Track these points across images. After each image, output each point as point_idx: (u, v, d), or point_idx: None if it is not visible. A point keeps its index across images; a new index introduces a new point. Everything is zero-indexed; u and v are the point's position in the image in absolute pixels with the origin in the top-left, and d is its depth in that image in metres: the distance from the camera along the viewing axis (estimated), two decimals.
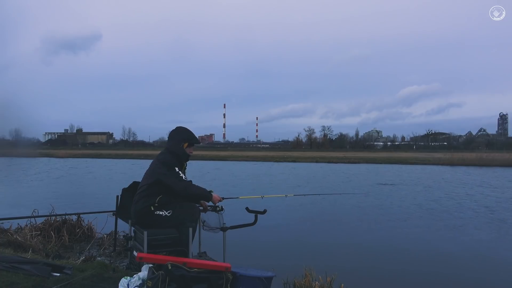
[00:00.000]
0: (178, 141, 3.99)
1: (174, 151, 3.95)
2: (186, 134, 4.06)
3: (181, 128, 4.15)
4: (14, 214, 6.95)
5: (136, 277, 3.28)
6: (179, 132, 4.10)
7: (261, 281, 3.42)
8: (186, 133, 4.08)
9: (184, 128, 4.15)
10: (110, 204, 5.38)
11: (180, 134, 4.06)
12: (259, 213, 4.37)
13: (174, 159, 3.91)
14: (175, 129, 4.14)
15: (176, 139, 4.01)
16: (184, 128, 4.15)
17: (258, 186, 18.90)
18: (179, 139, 4.01)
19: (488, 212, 11.17)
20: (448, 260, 6.52)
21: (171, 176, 3.78)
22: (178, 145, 3.97)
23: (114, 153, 61.98)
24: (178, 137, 4.02)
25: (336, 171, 29.39)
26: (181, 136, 4.03)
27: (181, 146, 3.97)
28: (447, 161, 39.49)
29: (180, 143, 3.98)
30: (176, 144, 3.98)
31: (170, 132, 4.18)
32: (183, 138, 4.02)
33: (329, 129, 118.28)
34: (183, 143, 3.99)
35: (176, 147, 3.97)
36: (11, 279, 3.49)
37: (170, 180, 3.77)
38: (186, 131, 4.11)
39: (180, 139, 4.01)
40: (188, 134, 4.08)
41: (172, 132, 4.14)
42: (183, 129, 4.14)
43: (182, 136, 4.03)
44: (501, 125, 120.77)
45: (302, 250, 7.01)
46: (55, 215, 6.37)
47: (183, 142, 3.99)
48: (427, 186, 18.40)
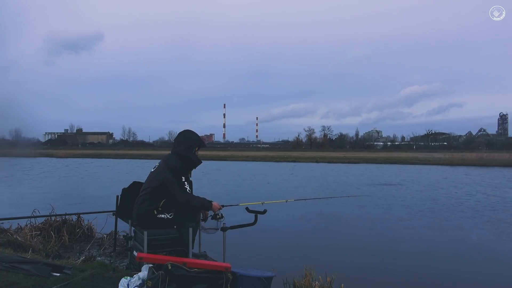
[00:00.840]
0: (189, 146, 3.91)
1: (187, 156, 3.88)
2: (196, 138, 3.99)
3: (190, 132, 4.08)
4: (14, 214, 6.94)
5: (136, 277, 3.28)
6: (190, 136, 4.01)
7: (261, 281, 3.41)
8: (197, 137, 4.01)
9: (192, 132, 4.07)
10: (110, 204, 5.37)
11: (191, 139, 3.98)
12: (259, 213, 4.37)
13: (184, 165, 3.85)
14: (183, 133, 4.04)
15: (188, 144, 3.93)
16: (193, 132, 4.07)
17: (258, 187, 18.91)
18: (191, 144, 3.93)
19: (489, 212, 11.16)
20: (449, 260, 6.51)
21: (176, 186, 3.74)
22: (191, 150, 3.91)
23: (114, 153, 61.93)
24: (190, 142, 3.94)
25: (336, 171, 29.39)
26: (193, 140, 3.96)
27: (194, 152, 3.92)
28: (447, 161, 39.46)
29: (192, 148, 3.92)
30: (188, 149, 3.91)
31: (178, 135, 4.07)
32: (194, 142, 3.95)
33: (329, 129, 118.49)
34: (195, 148, 3.94)
35: (189, 152, 3.90)
36: (11, 279, 3.49)
37: (174, 190, 3.74)
38: (196, 135, 4.04)
39: (192, 143, 3.94)
40: (198, 138, 4.02)
41: (181, 135, 4.03)
42: (192, 133, 4.06)
43: (194, 141, 3.96)
44: (501, 125, 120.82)
45: (302, 250, 7.01)
46: (55, 215, 6.37)
47: (195, 147, 3.94)
48: (427, 186, 18.40)
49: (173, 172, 3.77)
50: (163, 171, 3.81)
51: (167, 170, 3.79)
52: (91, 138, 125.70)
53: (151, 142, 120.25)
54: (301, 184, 19.76)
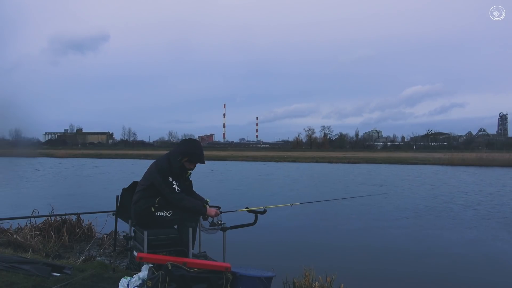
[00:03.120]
0: (178, 153, 3.90)
1: (171, 161, 3.88)
2: (188, 149, 3.94)
3: (189, 141, 4.13)
4: (14, 214, 6.95)
5: (136, 277, 3.28)
6: (184, 144, 4.04)
7: (261, 281, 3.41)
8: (190, 149, 3.95)
9: (190, 143, 4.07)
10: (110, 204, 5.37)
11: (183, 147, 3.98)
12: (259, 213, 4.37)
13: (170, 168, 3.86)
14: (184, 140, 4.16)
15: (178, 151, 3.93)
16: (191, 143, 4.08)
17: (258, 186, 18.91)
18: (180, 151, 3.92)
19: (490, 211, 11.16)
20: (449, 260, 6.51)
21: (165, 186, 3.78)
22: (176, 157, 3.89)
23: (114, 153, 61.97)
24: (180, 150, 3.94)
25: (336, 171, 29.39)
26: (183, 149, 3.94)
27: (179, 159, 3.88)
28: (447, 161, 39.46)
29: (178, 155, 3.89)
30: (175, 155, 3.91)
31: (181, 141, 4.23)
32: (183, 151, 3.91)
33: (329, 129, 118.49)
34: (181, 156, 3.88)
35: (174, 157, 3.90)
36: (11, 279, 3.49)
37: (163, 190, 3.80)
38: (191, 147, 3.99)
39: (180, 151, 3.92)
40: (191, 149, 3.95)
41: (181, 141, 4.18)
42: (189, 143, 4.06)
43: (184, 150, 3.93)
44: (501, 125, 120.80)
45: (302, 250, 7.00)
46: (55, 215, 6.37)
47: (182, 156, 3.88)
48: (427, 186, 18.40)
49: (160, 172, 3.83)
50: (152, 171, 3.91)
51: (155, 170, 3.88)
52: (91, 138, 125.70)
53: (151, 142, 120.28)
54: (303, 185, 19.75)
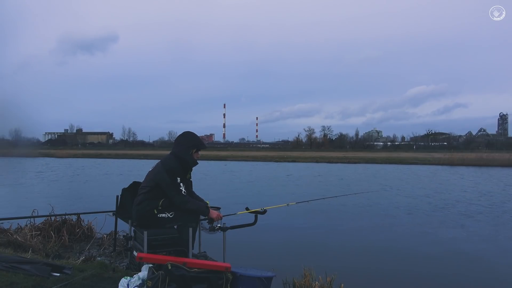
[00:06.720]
0: (187, 148, 3.96)
1: (183, 157, 3.92)
2: (195, 140, 4.03)
3: (190, 133, 4.12)
4: (14, 214, 6.94)
5: (136, 277, 3.28)
6: (188, 137, 4.06)
7: (261, 281, 3.42)
8: (195, 139, 4.05)
9: (192, 134, 4.11)
10: (110, 204, 5.37)
11: (189, 140, 4.02)
12: (259, 213, 4.37)
13: (180, 166, 3.88)
14: (183, 134, 4.11)
15: (186, 145, 3.97)
16: (193, 134, 4.12)
17: (258, 187, 18.91)
18: (189, 145, 3.97)
19: (490, 211, 11.17)
20: (449, 260, 6.51)
21: (172, 188, 3.78)
22: (187, 152, 3.94)
23: (114, 153, 61.95)
24: (188, 144, 3.98)
25: (335, 171, 29.38)
26: (191, 142, 4.00)
27: (191, 153, 3.96)
28: (447, 161, 39.48)
29: (189, 149, 3.96)
30: (185, 150, 3.94)
31: (177, 137, 4.15)
32: (192, 144, 3.99)
33: (329, 129, 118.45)
34: (192, 149, 3.97)
35: (186, 153, 3.94)
36: (11, 279, 3.49)
37: (169, 192, 3.79)
38: (195, 137, 4.09)
39: (190, 145, 3.98)
40: (197, 139, 4.06)
41: (180, 137, 4.10)
42: (192, 134, 4.10)
43: (192, 142, 4.00)
44: (501, 125, 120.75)
45: (302, 250, 7.01)
46: (55, 215, 6.36)
47: (192, 149, 3.97)
48: (427, 185, 18.41)
49: (169, 173, 3.81)
50: (159, 172, 3.87)
51: (163, 171, 3.84)
52: (91, 138, 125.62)
53: (151, 142, 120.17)
54: (302, 186, 19.76)
